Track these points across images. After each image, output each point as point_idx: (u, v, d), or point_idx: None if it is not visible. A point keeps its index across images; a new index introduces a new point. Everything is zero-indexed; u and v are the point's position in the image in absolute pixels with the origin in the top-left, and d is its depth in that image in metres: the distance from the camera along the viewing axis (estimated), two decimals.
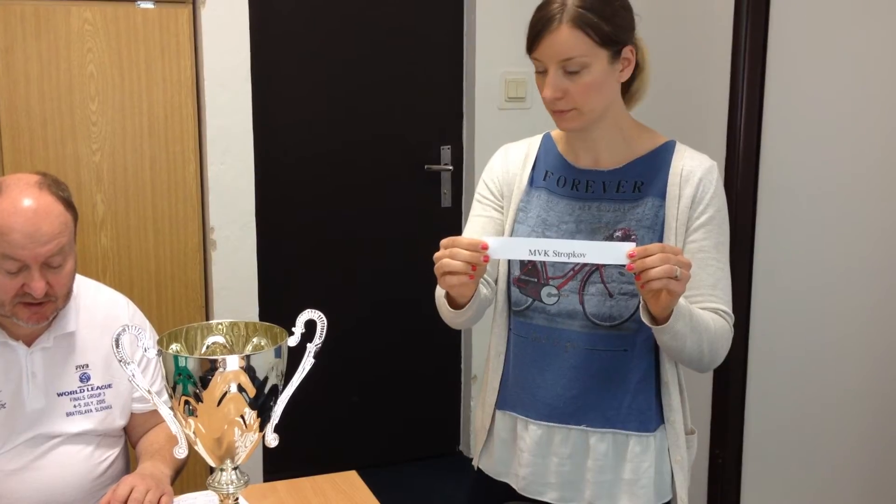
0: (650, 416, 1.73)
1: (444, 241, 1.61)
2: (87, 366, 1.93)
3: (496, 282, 1.82)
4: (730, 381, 3.06)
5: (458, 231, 3.80)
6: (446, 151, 3.76)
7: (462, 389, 3.94)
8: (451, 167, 3.76)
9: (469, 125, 3.73)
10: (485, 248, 1.56)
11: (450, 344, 3.88)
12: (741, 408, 3.08)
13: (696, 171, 1.70)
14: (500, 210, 1.83)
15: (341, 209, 3.67)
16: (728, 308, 1.71)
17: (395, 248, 3.78)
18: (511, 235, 1.79)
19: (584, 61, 1.61)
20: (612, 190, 1.72)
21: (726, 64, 3.03)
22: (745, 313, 3.00)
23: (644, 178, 1.71)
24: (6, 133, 2.86)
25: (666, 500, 1.77)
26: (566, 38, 1.61)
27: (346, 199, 3.67)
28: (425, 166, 3.76)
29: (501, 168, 1.85)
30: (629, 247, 1.51)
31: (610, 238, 1.69)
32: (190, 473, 2.16)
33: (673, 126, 1.87)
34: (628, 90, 1.75)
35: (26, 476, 1.83)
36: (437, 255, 1.61)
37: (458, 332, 3.85)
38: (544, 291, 1.73)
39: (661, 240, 1.68)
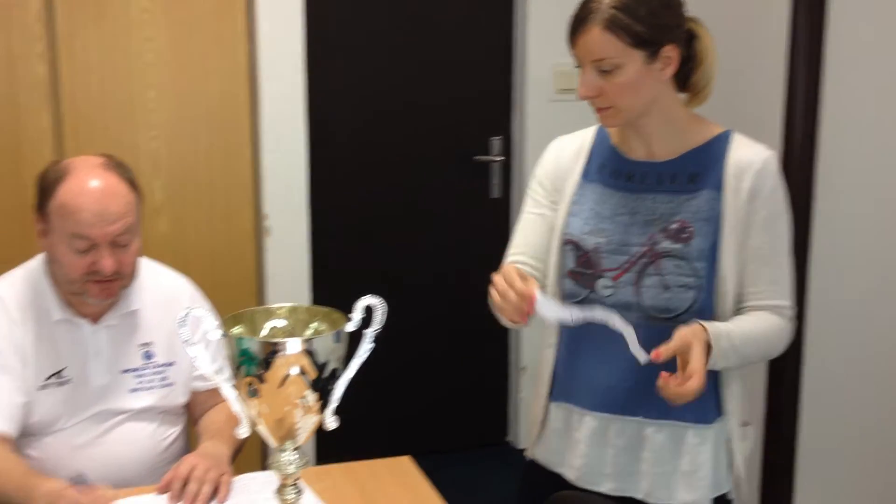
0: (708, 408, 1.73)
1: (499, 277, 1.61)
2: (151, 343, 1.98)
3: (545, 274, 1.83)
4: (784, 377, 3.04)
5: (506, 223, 3.86)
6: (496, 142, 3.76)
7: (510, 380, 3.95)
8: (500, 158, 3.77)
9: (520, 116, 3.73)
10: (531, 301, 1.56)
11: (499, 335, 3.89)
12: (795, 404, 3.05)
13: (753, 163, 1.69)
14: (551, 208, 1.84)
15: (391, 198, 3.69)
16: (787, 301, 1.71)
17: (443, 239, 3.79)
18: (564, 229, 1.79)
19: (616, 62, 1.61)
20: (667, 181, 1.72)
21: (782, 50, 2.99)
22: (799, 310, 2.97)
23: (699, 169, 1.71)
24: (68, 119, 2.92)
25: (723, 492, 1.77)
26: (597, 40, 1.61)
27: (395, 189, 3.69)
28: (474, 157, 3.77)
29: (553, 164, 1.85)
30: (646, 358, 1.56)
31: (665, 230, 1.69)
32: (244, 455, 2.20)
33: (725, 117, 1.86)
34: (687, 82, 1.73)
35: (93, 451, 1.88)
36: (493, 283, 1.62)
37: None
38: (600, 283, 1.73)
39: (718, 233, 1.67)
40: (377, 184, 3.66)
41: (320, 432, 1.52)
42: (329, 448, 3.35)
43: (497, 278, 1.62)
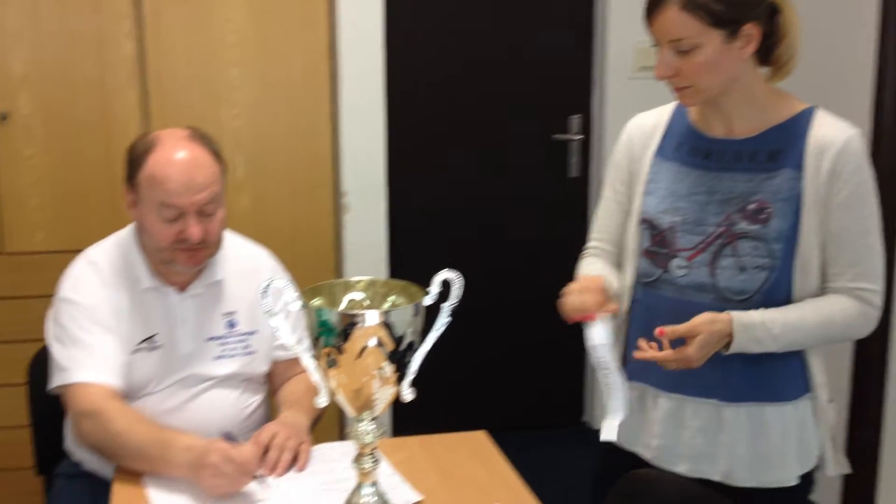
0: (787, 387, 1.70)
1: (571, 288, 1.68)
2: (234, 313, 2.03)
3: (622, 259, 1.83)
4: (870, 357, 2.96)
5: (584, 203, 3.83)
6: (575, 121, 3.73)
7: (587, 360, 3.94)
8: (579, 136, 3.74)
9: (599, 94, 3.69)
10: (592, 318, 1.64)
11: None
12: (881, 383, 2.97)
13: (834, 142, 1.63)
14: (627, 193, 1.83)
15: (468, 176, 3.70)
16: (872, 284, 1.66)
17: (521, 217, 3.79)
18: (640, 209, 1.78)
19: (694, 42, 1.58)
20: (746, 160, 1.68)
21: (872, 21, 2.89)
22: (887, 295, 2.89)
23: (780, 147, 1.67)
24: (154, 97, 3.00)
25: (807, 471, 1.74)
26: (674, 20, 1.58)
27: (473, 167, 3.70)
28: (553, 136, 3.75)
29: (627, 145, 1.84)
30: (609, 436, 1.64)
31: (743, 210, 1.66)
32: (323, 425, 2.25)
33: (811, 93, 1.81)
34: (770, 56, 1.69)
35: (179, 416, 1.94)
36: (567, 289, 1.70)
37: None
38: (674, 263, 1.72)
39: (797, 214, 1.63)
40: (455, 162, 3.67)
41: (398, 405, 1.54)
42: (406, 421, 3.39)
43: (573, 286, 1.68)
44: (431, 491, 1.74)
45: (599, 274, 1.76)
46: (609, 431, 1.63)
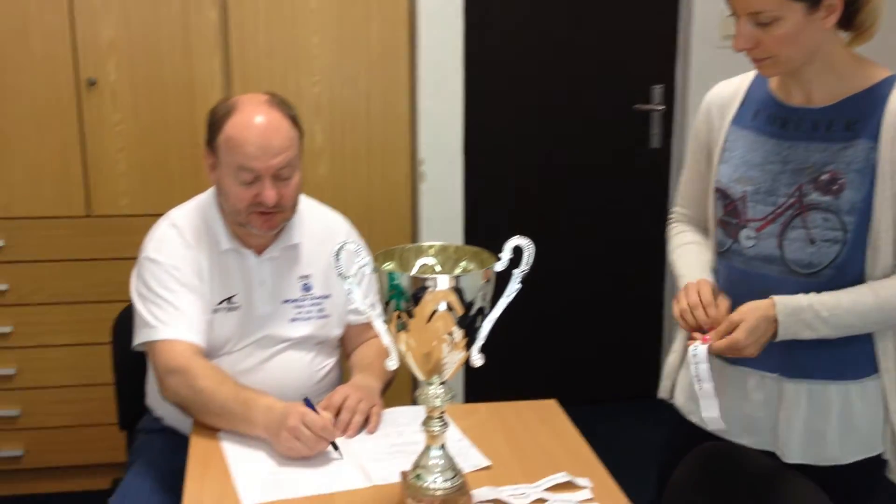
0: (854, 365, 1.65)
1: (689, 293, 1.70)
2: (309, 276, 2.06)
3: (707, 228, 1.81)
4: None
5: (665, 174, 3.76)
6: (657, 91, 3.67)
7: (664, 334, 3.89)
8: (662, 107, 3.67)
9: (684, 64, 3.62)
10: (705, 341, 1.64)
11: (655, 288, 3.83)
12: None
13: None
14: (706, 161, 1.81)
15: (547, 146, 3.67)
16: None
17: (600, 188, 3.75)
18: (715, 177, 1.75)
19: (774, 15, 1.53)
20: (822, 129, 1.63)
21: None
22: None
23: (857, 116, 1.61)
24: (236, 64, 3.04)
25: (877, 453, 1.69)
26: None
27: (551, 136, 3.67)
28: (634, 105, 3.69)
29: (706, 114, 1.82)
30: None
31: (815, 181, 1.61)
32: (396, 390, 2.27)
33: (893, 57, 1.74)
34: (851, 23, 1.63)
35: (255, 376, 1.99)
36: (680, 295, 1.71)
37: (663, 275, 3.79)
38: (743, 233, 1.68)
39: (871, 186, 1.58)
40: (533, 131, 3.64)
41: (471, 372, 1.55)
42: (479, 389, 3.41)
43: (685, 294, 1.70)
44: (500, 457, 1.75)
45: (701, 271, 1.78)
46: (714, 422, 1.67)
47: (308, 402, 1.77)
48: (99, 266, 3.02)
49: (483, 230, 3.49)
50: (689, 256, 1.85)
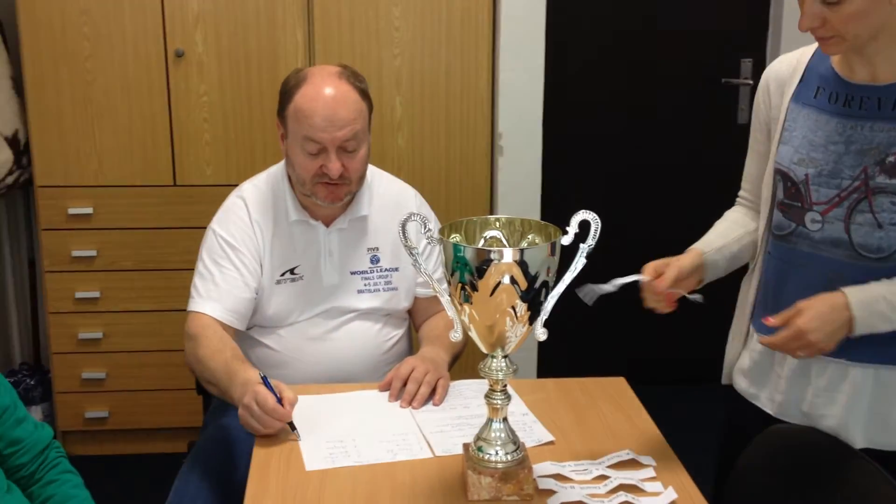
0: None
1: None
2: (377, 248, 2.08)
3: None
4: None
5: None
6: (747, 64, 3.57)
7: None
8: (750, 81, 3.57)
9: (774, 37, 3.51)
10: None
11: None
12: None
13: None
14: (765, 142, 1.75)
15: (628, 120, 3.61)
16: None
17: (682, 164, 3.67)
18: (775, 159, 1.69)
19: None
20: (888, 108, 1.55)
21: None
22: None
23: None
24: (319, 36, 3.07)
25: None
26: None
27: (633, 110, 3.60)
28: (722, 79, 3.60)
29: (765, 91, 1.75)
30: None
31: (882, 163, 1.54)
32: (464, 363, 2.28)
33: None
34: None
35: (322, 345, 2.02)
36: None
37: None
38: (808, 217, 1.62)
39: None
40: (616, 104, 3.59)
41: (543, 350, 1.54)
42: (550, 366, 3.39)
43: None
44: (564, 432, 1.74)
45: (708, 241, 1.83)
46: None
47: (265, 381, 1.73)
48: (183, 234, 3.10)
49: (561, 205, 3.45)
50: (720, 226, 1.86)
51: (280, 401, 1.69)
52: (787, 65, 1.72)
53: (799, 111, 1.66)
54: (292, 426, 1.72)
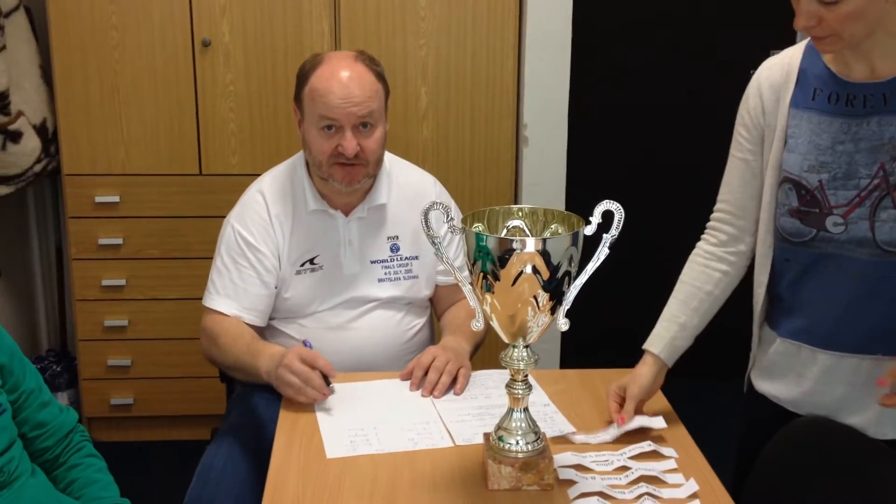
0: None
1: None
2: (397, 237, 2.07)
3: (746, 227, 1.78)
4: None
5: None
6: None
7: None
8: None
9: None
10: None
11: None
12: None
13: None
14: (755, 152, 1.73)
15: (656, 111, 3.58)
16: None
17: (711, 157, 3.62)
18: (781, 167, 1.66)
19: None
20: (894, 101, 1.52)
21: None
22: None
23: None
24: (345, 26, 3.07)
25: None
26: None
27: (661, 102, 3.57)
28: (751, 71, 3.55)
29: (755, 98, 1.72)
30: None
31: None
32: (486, 353, 2.27)
33: None
34: None
35: (344, 334, 2.02)
36: None
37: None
38: (829, 221, 1.59)
39: None
40: (642, 96, 3.56)
41: (565, 340, 1.53)
42: (573, 355, 3.38)
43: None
44: (585, 423, 1.74)
45: (667, 329, 1.86)
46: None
47: (307, 343, 1.87)
48: (209, 223, 3.10)
49: (586, 196, 3.43)
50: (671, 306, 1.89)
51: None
52: (779, 69, 1.68)
53: (800, 116, 1.62)
54: (328, 380, 1.79)
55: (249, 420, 1.97)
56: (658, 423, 1.67)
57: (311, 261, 2.03)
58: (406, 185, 2.11)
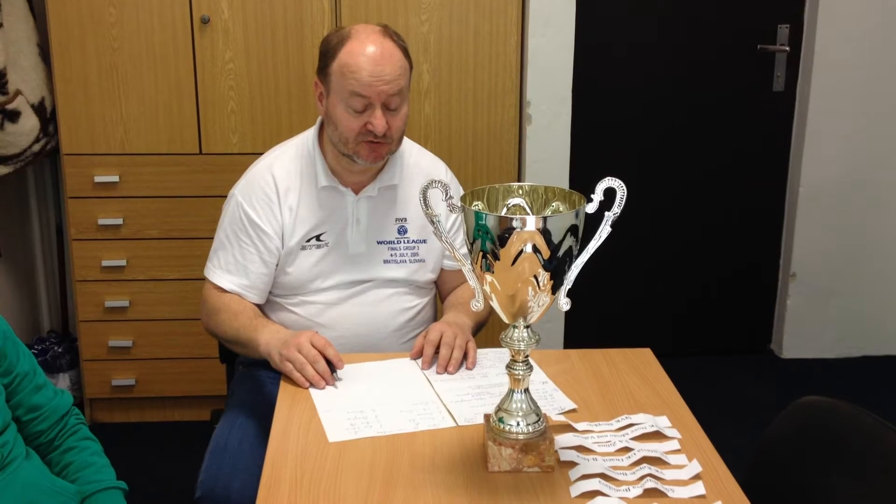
0: None
1: None
2: (405, 220, 2.05)
3: None
4: None
5: (788, 120, 3.58)
6: (784, 30, 3.48)
7: (778, 286, 3.74)
8: (787, 48, 3.48)
9: (812, 2, 3.41)
10: None
11: (768, 239, 3.68)
12: None
13: None
14: None
15: (661, 88, 3.54)
16: None
17: (717, 132, 3.60)
18: None
19: None
20: None
21: None
22: None
23: None
24: (346, 2, 3.02)
25: None
26: None
27: (667, 78, 3.53)
28: (759, 45, 3.51)
29: None
30: None
31: None
32: (488, 334, 2.25)
33: None
34: None
35: (347, 313, 2.01)
36: None
37: (780, 227, 3.64)
38: None
39: None
40: (647, 70, 3.51)
41: (569, 320, 1.51)
42: (578, 336, 3.36)
43: None
44: (586, 401, 1.72)
45: None
46: None
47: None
48: (209, 203, 3.08)
49: (590, 175, 3.39)
50: None
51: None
52: None
53: None
54: (333, 368, 1.79)
55: (258, 398, 1.96)
56: (662, 423, 1.63)
57: (318, 237, 2.01)
58: (417, 169, 2.09)
